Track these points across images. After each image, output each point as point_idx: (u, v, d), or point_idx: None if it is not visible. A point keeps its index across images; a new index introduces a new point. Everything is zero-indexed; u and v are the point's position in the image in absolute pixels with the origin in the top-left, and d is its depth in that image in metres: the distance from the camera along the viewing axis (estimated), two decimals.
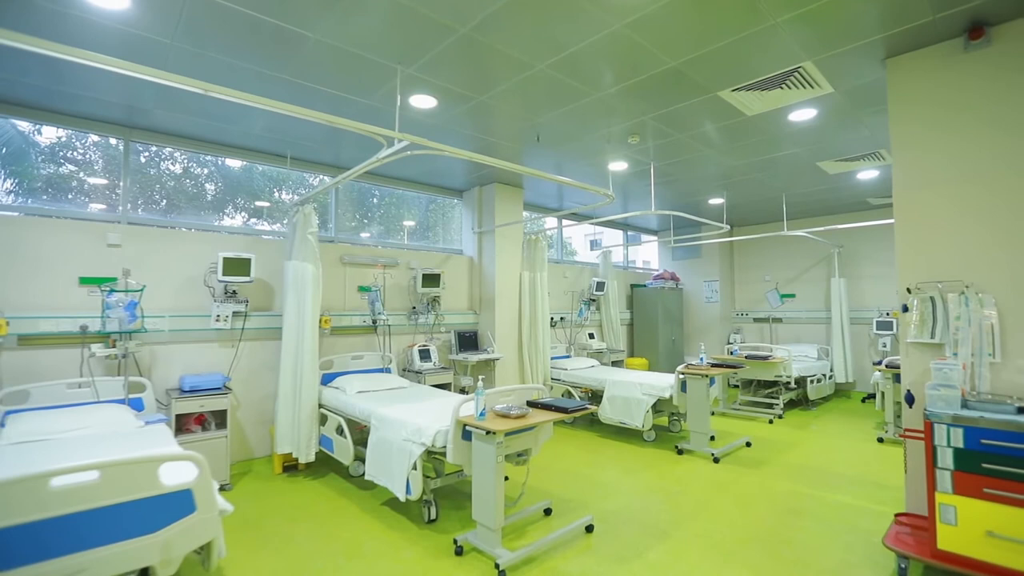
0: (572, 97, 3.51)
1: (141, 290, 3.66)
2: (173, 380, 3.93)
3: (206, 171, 4.54)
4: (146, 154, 4.21)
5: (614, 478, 4.00)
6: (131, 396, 3.57)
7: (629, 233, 9.00)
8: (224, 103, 3.56)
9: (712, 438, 4.97)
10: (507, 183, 5.90)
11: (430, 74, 3.18)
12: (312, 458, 4.00)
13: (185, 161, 4.42)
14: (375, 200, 5.68)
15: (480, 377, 5.01)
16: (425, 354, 5.19)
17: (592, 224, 7.78)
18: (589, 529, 3.07)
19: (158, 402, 3.75)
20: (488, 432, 2.63)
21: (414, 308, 5.42)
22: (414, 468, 3.01)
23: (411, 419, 3.20)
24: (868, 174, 5.46)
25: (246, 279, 4.04)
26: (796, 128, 4.12)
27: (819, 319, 7.79)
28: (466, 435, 2.87)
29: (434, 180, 5.79)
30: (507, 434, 2.76)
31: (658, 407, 5.01)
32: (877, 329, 7.03)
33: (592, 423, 5.50)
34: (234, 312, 4.16)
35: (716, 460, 4.36)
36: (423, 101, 3.56)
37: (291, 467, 4.17)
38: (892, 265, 7.15)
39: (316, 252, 4.14)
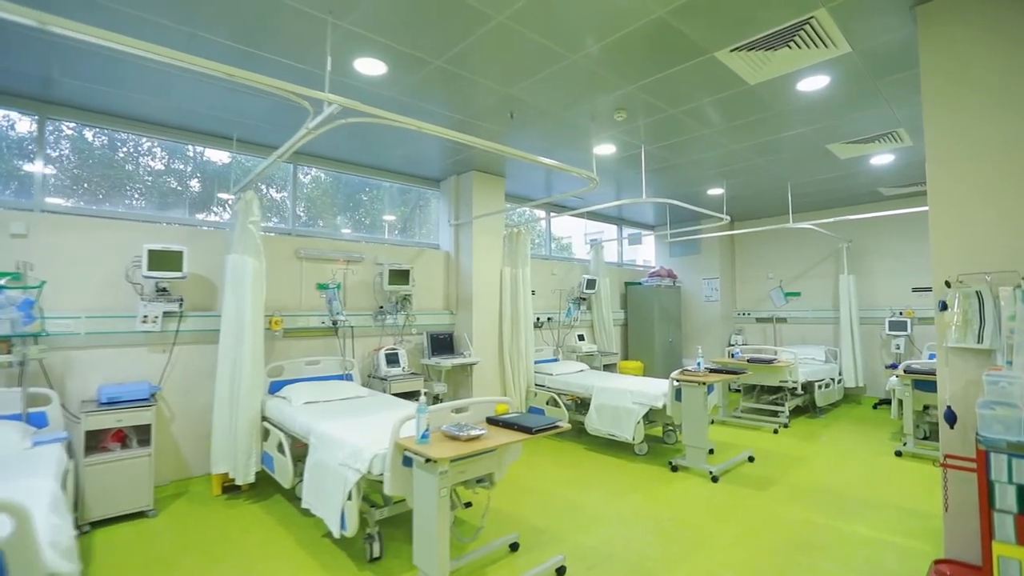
0: (545, 60, 3.01)
1: (39, 286, 3.16)
2: (92, 390, 3.43)
3: (188, 166, 4.05)
4: (101, 139, 3.72)
5: (598, 502, 3.49)
6: (33, 410, 3.07)
7: (630, 232, 8.49)
8: (135, 70, 3.06)
9: (711, 452, 4.46)
10: (487, 171, 5.39)
11: (370, 29, 2.67)
12: (251, 478, 3.50)
13: (158, 152, 3.95)
14: (344, 191, 5.18)
15: (423, 392, 4.54)
16: (393, 358, 4.68)
17: (574, 216, 7.26)
18: (560, 572, 2.55)
19: (69, 416, 3.26)
20: (428, 460, 2.13)
21: (381, 308, 4.91)
22: (350, 498, 2.51)
23: (350, 438, 2.69)
24: (883, 159, 4.94)
25: (178, 275, 3.54)
26: (805, 101, 3.61)
27: (826, 319, 7.27)
28: (407, 460, 2.37)
29: (409, 168, 5.29)
30: (455, 460, 2.25)
31: (651, 417, 4.50)
32: (890, 330, 6.50)
33: (580, 432, 5.00)
34: (166, 312, 3.66)
35: (715, 479, 3.85)
36: (370, 66, 3.06)
37: (234, 487, 3.67)
38: (905, 260, 6.63)
39: (258, 244, 3.64)
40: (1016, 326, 2.09)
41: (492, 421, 2.65)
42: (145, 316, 3.55)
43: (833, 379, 6.30)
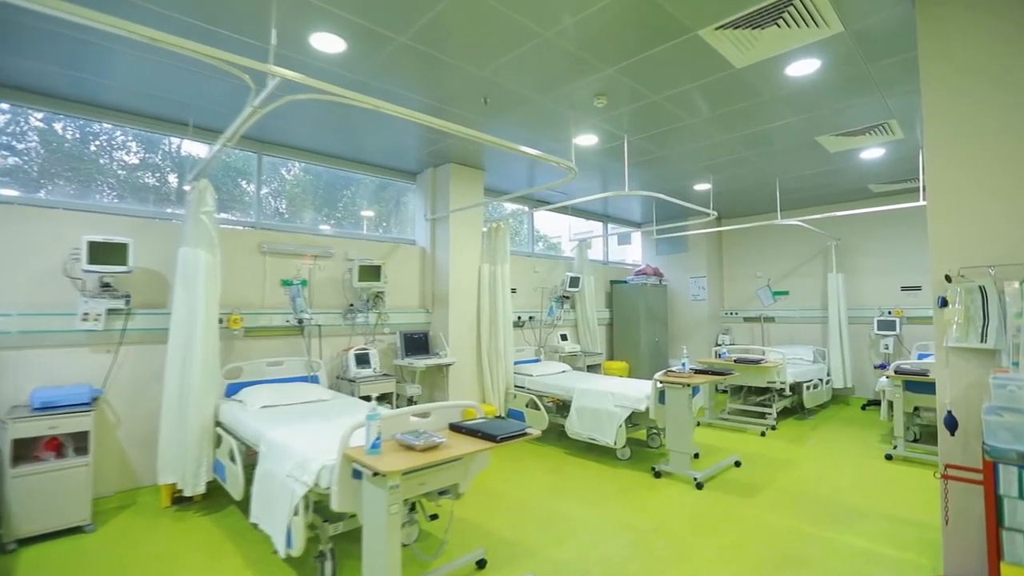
0: (517, 37, 2.78)
1: None
2: (25, 395, 3.15)
3: (142, 154, 3.77)
4: (42, 123, 3.43)
5: (575, 511, 3.27)
6: None
7: (618, 231, 8.32)
8: (77, 45, 2.80)
9: (696, 456, 4.27)
10: (465, 163, 5.16)
11: None
12: (201, 489, 3.24)
13: (108, 138, 3.65)
14: (324, 187, 4.92)
15: (374, 397, 4.34)
16: (363, 359, 4.43)
17: (555, 210, 7.06)
18: None
19: None
20: (376, 473, 1.90)
21: (351, 306, 4.66)
22: (297, 514, 2.27)
23: (299, 447, 2.45)
24: (873, 153, 4.78)
25: (122, 269, 3.27)
26: (794, 88, 3.42)
27: (815, 318, 7.13)
28: (358, 473, 2.13)
29: (385, 160, 5.04)
30: (409, 473, 2.02)
31: (634, 420, 4.30)
32: (878, 329, 6.37)
33: (561, 436, 4.78)
34: (110, 310, 3.39)
35: (699, 486, 3.66)
36: (328, 42, 2.81)
37: (186, 498, 3.40)
38: (894, 258, 6.51)
39: (212, 237, 3.38)
40: (1022, 324, 1.91)
41: (455, 428, 2.43)
42: (86, 314, 3.28)
43: (821, 380, 6.16)
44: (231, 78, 3.15)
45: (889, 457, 4.34)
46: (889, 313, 6.45)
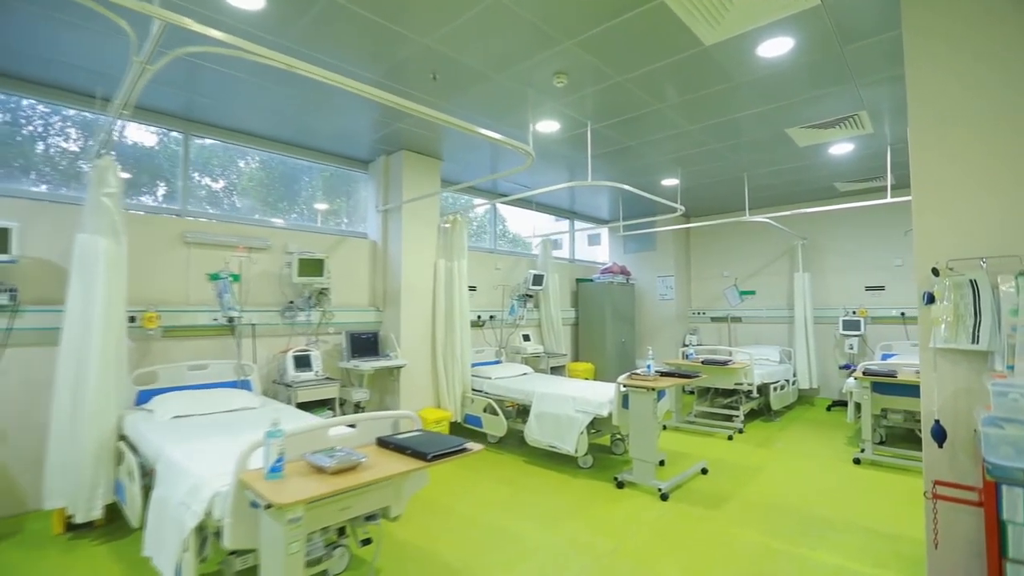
0: None
1: None
2: None
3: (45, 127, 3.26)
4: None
5: (529, 530, 2.97)
6: None
7: (587, 228, 8.09)
8: None
9: (661, 463, 4.04)
10: (420, 151, 4.80)
11: None
12: (97, 514, 2.80)
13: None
14: (280, 179, 4.47)
15: (274, 419, 4.00)
16: (303, 361, 4.03)
17: (514, 203, 6.77)
18: None
19: None
20: (269, 506, 1.54)
21: (291, 303, 4.24)
22: (187, 549, 1.89)
23: (198, 468, 2.07)
24: (841, 148, 4.65)
25: (3, 258, 2.80)
26: (766, 71, 3.21)
27: (781, 318, 7.04)
28: (257, 502, 1.77)
29: (334, 147, 4.64)
30: (315, 503, 1.68)
31: (597, 425, 4.03)
32: (843, 329, 6.31)
33: (523, 441, 4.47)
34: None
35: (664, 497, 3.41)
36: None
37: (84, 524, 2.94)
38: (858, 257, 6.46)
39: (116, 222, 2.94)
40: (1019, 322, 1.69)
41: (383, 443, 2.09)
42: None
43: (788, 380, 6.04)
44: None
45: (857, 461, 4.19)
46: (854, 313, 6.40)
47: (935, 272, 1.90)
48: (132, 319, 3.37)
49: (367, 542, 2.61)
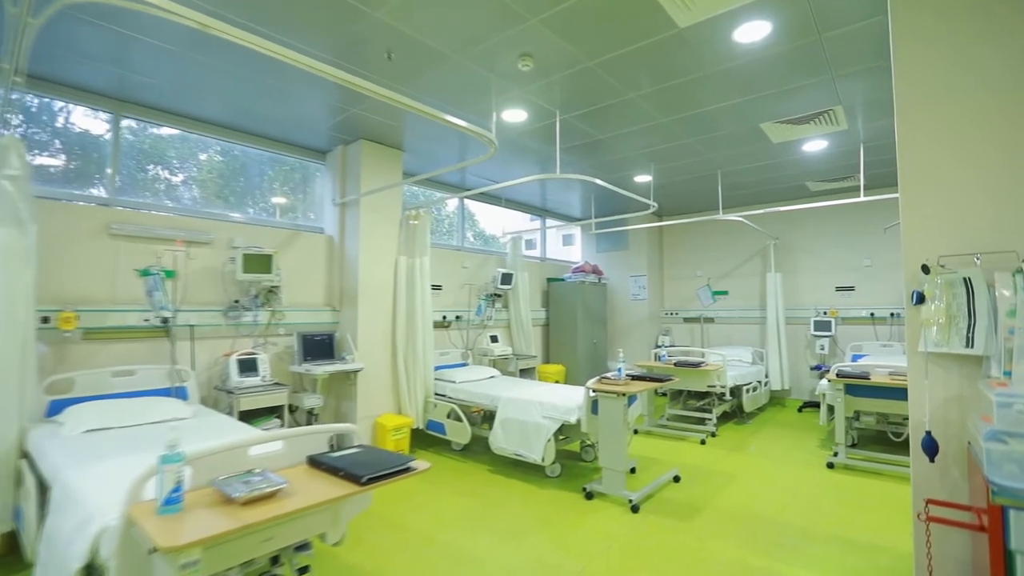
0: None
1: None
2: None
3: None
4: None
5: (490, 550, 2.73)
6: None
7: (558, 225, 7.89)
8: None
9: (632, 470, 3.85)
10: (380, 142, 4.51)
11: None
12: None
13: None
14: (237, 171, 4.11)
15: (173, 437, 3.70)
16: (249, 366, 3.70)
17: (479, 196, 6.54)
18: None
19: None
20: (155, 549, 1.26)
21: (236, 302, 3.91)
22: None
23: (95, 495, 1.76)
24: (815, 145, 4.56)
25: None
26: (741, 59, 3.04)
27: (753, 319, 6.98)
28: None
29: (289, 135, 4.31)
30: (215, 545, 1.40)
31: (566, 432, 3.82)
32: (815, 330, 6.27)
33: (488, 449, 4.23)
34: None
35: (635, 509, 3.21)
36: None
37: None
38: (829, 258, 6.44)
39: (20, 209, 2.58)
40: (1017, 324, 1.53)
41: (314, 462, 1.82)
42: None
43: (760, 382, 5.96)
44: None
45: (831, 465, 4.09)
46: (825, 313, 6.36)
47: (925, 269, 1.73)
48: (45, 320, 3.00)
49: (305, 570, 2.33)
